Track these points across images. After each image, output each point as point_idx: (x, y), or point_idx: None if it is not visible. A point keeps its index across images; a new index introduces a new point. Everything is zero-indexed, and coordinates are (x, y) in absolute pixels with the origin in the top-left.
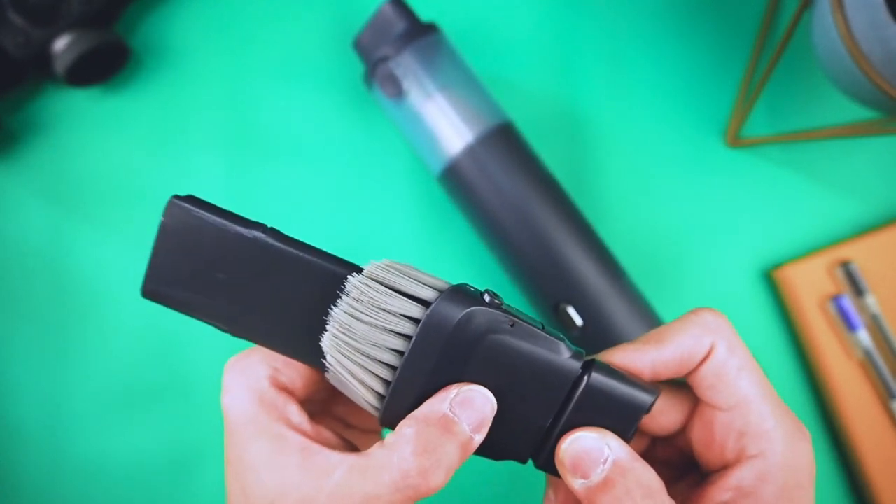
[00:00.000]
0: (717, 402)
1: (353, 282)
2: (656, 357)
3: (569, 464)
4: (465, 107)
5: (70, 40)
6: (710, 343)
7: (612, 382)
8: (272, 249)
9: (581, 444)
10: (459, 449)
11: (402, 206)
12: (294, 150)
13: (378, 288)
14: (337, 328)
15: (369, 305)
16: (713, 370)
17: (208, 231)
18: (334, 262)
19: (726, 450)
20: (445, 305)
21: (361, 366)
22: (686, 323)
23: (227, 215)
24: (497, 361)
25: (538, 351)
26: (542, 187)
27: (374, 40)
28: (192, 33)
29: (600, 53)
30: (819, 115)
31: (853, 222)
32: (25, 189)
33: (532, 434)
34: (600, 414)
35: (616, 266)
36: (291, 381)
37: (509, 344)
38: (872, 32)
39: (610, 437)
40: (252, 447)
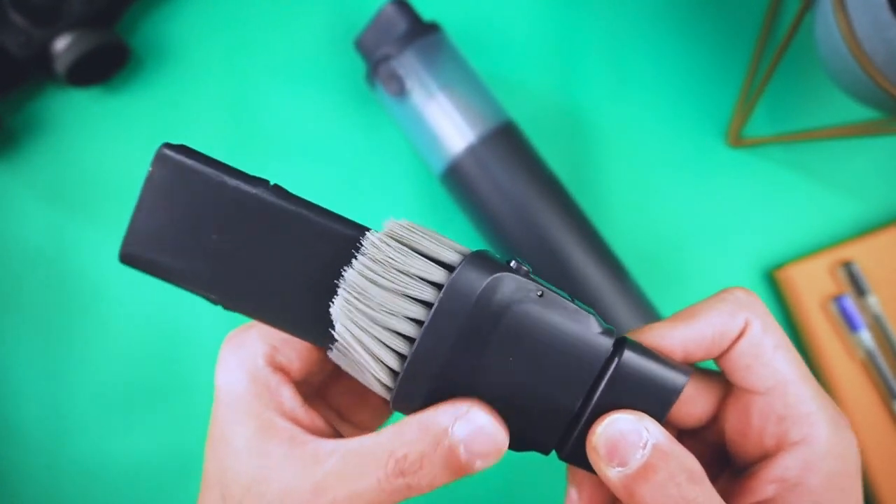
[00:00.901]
0: (753, 384)
1: (372, 239)
2: (688, 335)
3: (604, 450)
4: (467, 106)
5: (71, 40)
6: (745, 320)
7: (646, 362)
8: (275, 207)
9: (617, 427)
10: (450, 469)
11: (404, 206)
12: (295, 149)
13: (398, 248)
14: (350, 292)
15: (388, 267)
16: (748, 349)
17: (203, 184)
18: (345, 224)
19: (765, 437)
20: (471, 269)
21: (375, 337)
22: (718, 301)
23: (225, 168)
24: (523, 335)
25: (568, 324)
26: (544, 187)
27: (376, 40)
28: (192, 33)
29: (602, 53)
30: (821, 116)
31: (855, 222)
32: (26, 189)
33: (558, 420)
34: (633, 396)
35: (618, 266)
36: (289, 360)
37: (537, 315)
38: (875, 33)
39: (647, 419)
40: (237, 429)
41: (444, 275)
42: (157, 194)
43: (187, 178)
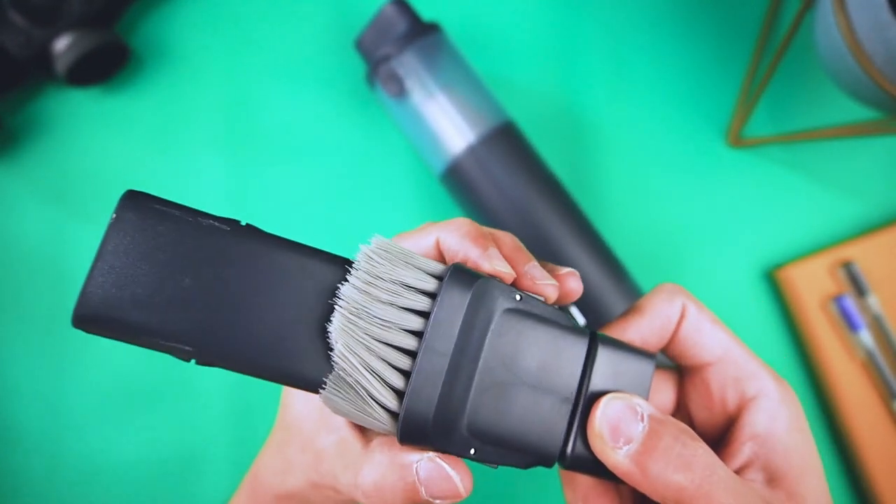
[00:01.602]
0: (704, 357)
1: (367, 252)
2: (642, 326)
3: (608, 431)
4: (467, 106)
5: (71, 40)
6: (682, 304)
7: (618, 350)
8: (252, 244)
9: (613, 407)
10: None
11: (404, 206)
12: (295, 149)
13: (392, 259)
14: (348, 308)
15: (386, 280)
16: (691, 328)
17: (175, 227)
18: (326, 257)
19: (727, 401)
20: (459, 279)
21: (374, 352)
22: (654, 294)
23: (193, 210)
24: (512, 337)
25: (551, 321)
26: (543, 187)
27: (376, 40)
28: (192, 33)
29: (602, 53)
30: (821, 115)
31: (855, 222)
32: (26, 189)
33: (555, 419)
34: (616, 382)
35: (618, 265)
36: None
37: (522, 316)
38: (875, 33)
39: (635, 396)
40: (324, 435)
41: (436, 284)
42: (123, 241)
43: (157, 221)
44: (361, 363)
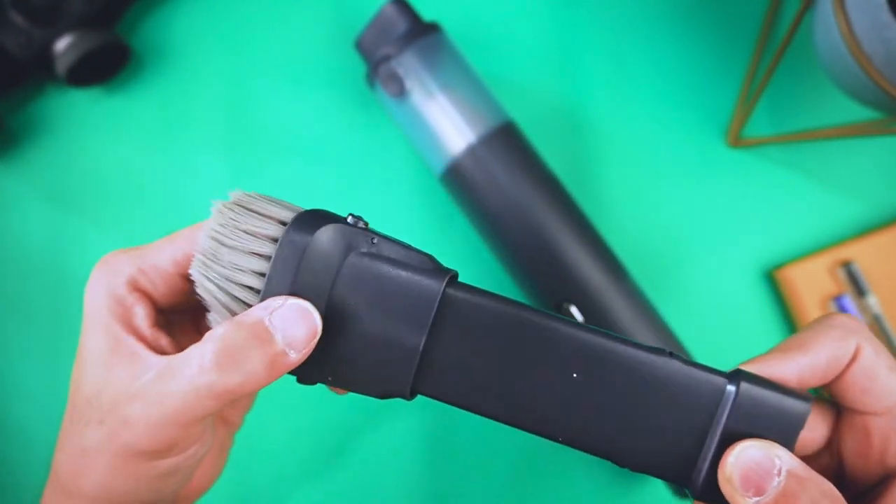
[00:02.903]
0: (870, 406)
1: (217, 206)
2: (803, 362)
3: (738, 479)
4: (467, 106)
5: (71, 41)
6: (856, 345)
7: (764, 392)
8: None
9: (749, 455)
10: (267, 359)
11: (404, 206)
12: (295, 149)
13: (240, 210)
14: (202, 254)
15: (232, 228)
16: (862, 373)
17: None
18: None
19: (888, 456)
20: (301, 223)
21: (227, 292)
22: (826, 327)
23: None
24: (362, 280)
25: (402, 266)
26: (544, 187)
27: (376, 40)
28: (192, 33)
29: (602, 53)
30: (821, 116)
31: (855, 222)
32: (26, 189)
33: (407, 360)
34: (758, 427)
35: (618, 265)
36: (153, 284)
37: (371, 261)
38: (874, 33)
39: (777, 447)
40: (91, 341)
41: (280, 230)
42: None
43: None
44: (216, 300)
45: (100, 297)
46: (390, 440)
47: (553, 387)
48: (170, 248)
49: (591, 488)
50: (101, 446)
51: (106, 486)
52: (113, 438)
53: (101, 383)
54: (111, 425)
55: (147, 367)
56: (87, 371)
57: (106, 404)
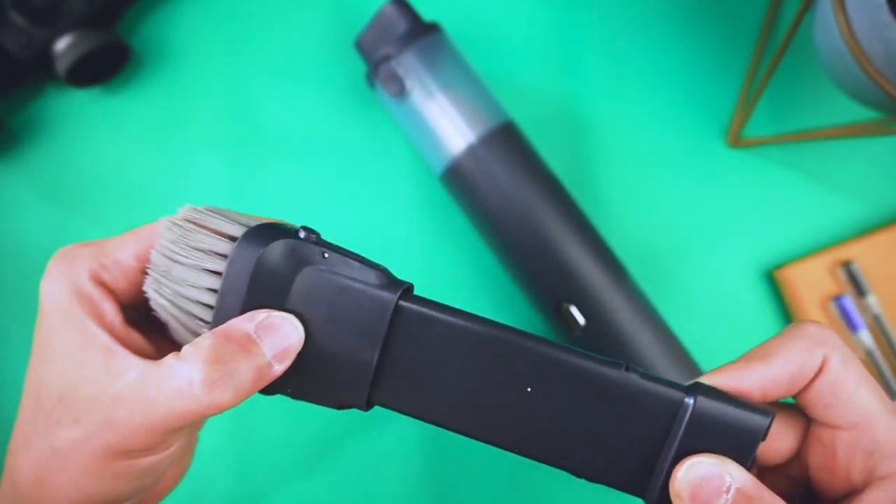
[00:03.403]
0: (836, 420)
1: (165, 223)
2: (766, 374)
3: (687, 494)
4: (467, 106)
5: (71, 41)
6: (822, 356)
7: (721, 406)
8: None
9: (698, 471)
10: (254, 372)
11: (404, 206)
12: (295, 149)
13: (190, 227)
14: (155, 271)
15: (182, 245)
16: (829, 386)
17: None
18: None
19: (852, 472)
20: (251, 239)
21: (182, 308)
22: (791, 337)
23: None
24: (315, 294)
25: (352, 281)
26: (544, 187)
27: (376, 40)
28: (192, 33)
29: (602, 53)
30: (821, 116)
31: (855, 222)
32: (26, 189)
33: (360, 373)
34: (714, 442)
35: (618, 265)
36: (115, 280)
37: (323, 275)
38: (874, 33)
39: (729, 463)
40: (56, 337)
41: (230, 246)
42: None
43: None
44: (171, 316)
45: (62, 291)
46: (388, 437)
47: (507, 399)
48: (131, 244)
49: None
50: (77, 446)
51: (81, 486)
52: (92, 438)
53: (74, 380)
54: (90, 425)
55: (127, 365)
56: (55, 368)
57: (80, 402)
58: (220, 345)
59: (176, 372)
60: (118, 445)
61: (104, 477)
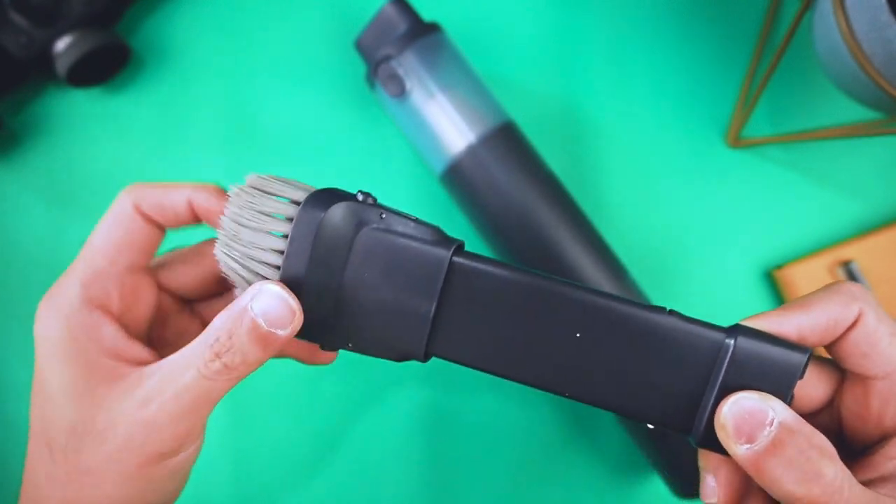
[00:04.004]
0: (870, 370)
1: (234, 190)
2: (803, 321)
3: (732, 427)
4: (468, 106)
5: (71, 41)
6: (858, 310)
7: (761, 344)
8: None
9: (743, 405)
10: (258, 340)
11: (404, 206)
12: (295, 149)
13: (256, 193)
14: (224, 235)
15: (249, 209)
16: (864, 338)
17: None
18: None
19: (885, 418)
20: (314, 202)
21: (250, 269)
22: (831, 292)
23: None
24: (374, 253)
25: (411, 238)
26: (544, 187)
27: (376, 40)
28: (192, 34)
29: (602, 53)
30: (820, 116)
31: (854, 222)
32: (26, 189)
33: (418, 325)
34: (755, 379)
35: (618, 265)
36: (106, 295)
37: (381, 235)
38: (874, 33)
39: (773, 399)
40: (57, 373)
41: (295, 210)
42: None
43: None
44: (242, 279)
45: (56, 329)
46: (388, 433)
47: (558, 346)
48: (105, 243)
49: (589, 487)
50: (112, 460)
51: (116, 498)
52: (125, 448)
53: (88, 412)
54: (119, 438)
55: (141, 377)
56: (59, 405)
57: (101, 424)
58: (223, 320)
59: (193, 353)
60: (154, 447)
61: (138, 486)
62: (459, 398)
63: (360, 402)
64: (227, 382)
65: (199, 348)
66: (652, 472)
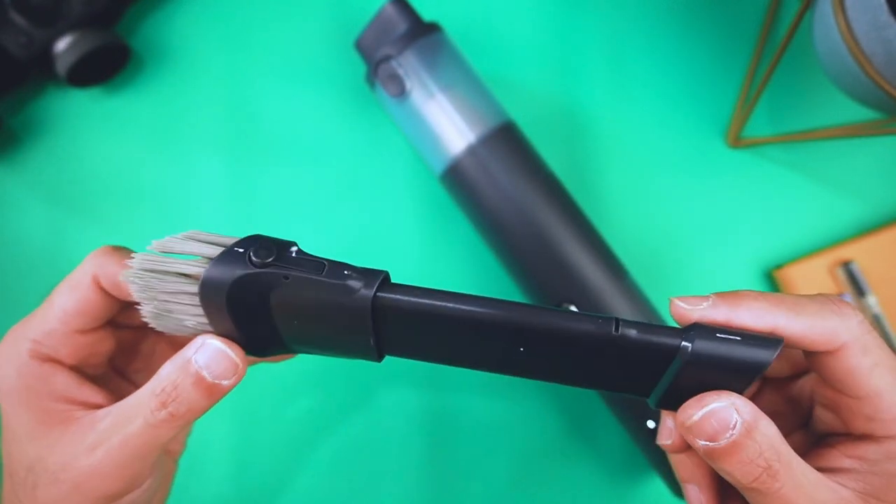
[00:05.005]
0: (843, 390)
1: (128, 277)
2: (786, 324)
3: (696, 429)
4: (468, 106)
5: (71, 41)
6: (843, 340)
7: (720, 345)
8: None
9: (709, 411)
10: (203, 391)
11: (404, 206)
12: (295, 149)
13: (151, 277)
14: (140, 296)
15: (153, 291)
16: (844, 369)
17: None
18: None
19: (851, 425)
20: (211, 282)
21: (178, 323)
22: (825, 308)
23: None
24: (293, 305)
25: (323, 293)
26: (544, 187)
27: (376, 40)
28: (192, 34)
29: (602, 53)
30: (820, 116)
31: (854, 222)
32: (26, 189)
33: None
34: (716, 378)
35: (618, 265)
36: (55, 350)
37: (291, 296)
38: (874, 33)
39: (736, 398)
40: (16, 419)
41: (196, 287)
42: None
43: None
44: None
45: (10, 376)
46: (388, 434)
47: (505, 355)
48: (60, 307)
49: (589, 487)
50: (62, 499)
51: None
52: (74, 491)
53: (43, 452)
54: (67, 482)
55: (92, 421)
56: (19, 444)
57: (53, 466)
58: (167, 371)
59: (139, 402)
60: (101, 491)
61: None
62: (459, 398)
63: (361, 403)
64: (172, 430)
65: (146, 397)
66: (652, 472)
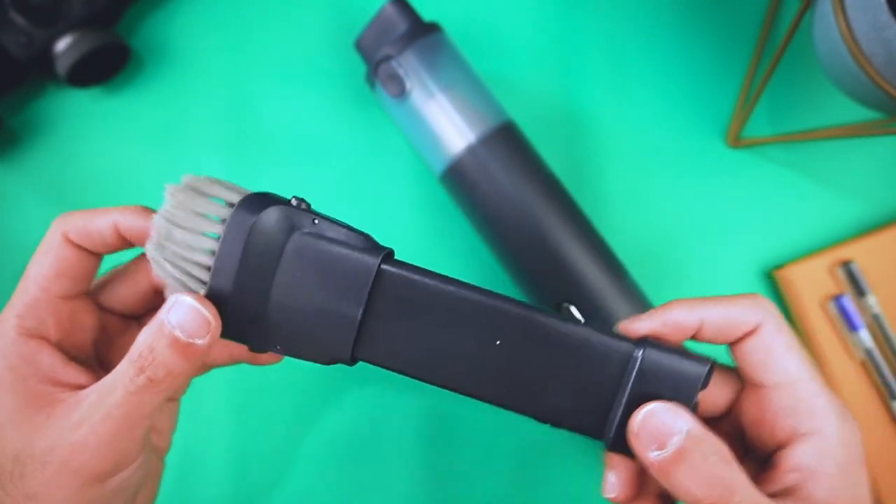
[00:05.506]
0: (764, 378)
1: (170, 189)
2: (706, 314)
3: (644, 436)
4: (468, 106)
5: (72, 41)
6: (759, 319)
7: (668, 356)
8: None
9: (655, 416)
10: (179, 351)
11: (404, 206)
12: (295, 149)
13: (192, 194)
14: (157, 235)
15: (184, 210)
16: (762, 345)
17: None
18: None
19: (777, 428)
20: (247, 206)
21: (182, 269)
22: (741, 296)
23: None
24: (305, 257)
25: (341, 244)
26: (543, 187)
27: (376, 40)
28: (192, 34)
29: (602, 53)
30: (820, 116)
31: (854, 222)
32: (26, 189)
33: (345, 330)
34: (663, 388)
35: (618, 265)
36: (41, 323)
37: (313, 240)
38: (874, 33)
39: (681, 409)
40: (0, 403)
41: (229, 212)
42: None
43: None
44: (173, 279)
45: None
46: (388, 436)
47: (478, 352)
48: (30, 282)
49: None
50: (52, 483)
51: None
52: (64, 471)
53: (28, 439)
54: (57, 462)
55: (77, 401)
56: (3, 435)
57: (40, 451)
58: (145, 335)
59: (119, 373)
60: (90, 469)
61: None
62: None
63: (360, 403)
64: (154, 396)
65: (124, 366)
66: None
